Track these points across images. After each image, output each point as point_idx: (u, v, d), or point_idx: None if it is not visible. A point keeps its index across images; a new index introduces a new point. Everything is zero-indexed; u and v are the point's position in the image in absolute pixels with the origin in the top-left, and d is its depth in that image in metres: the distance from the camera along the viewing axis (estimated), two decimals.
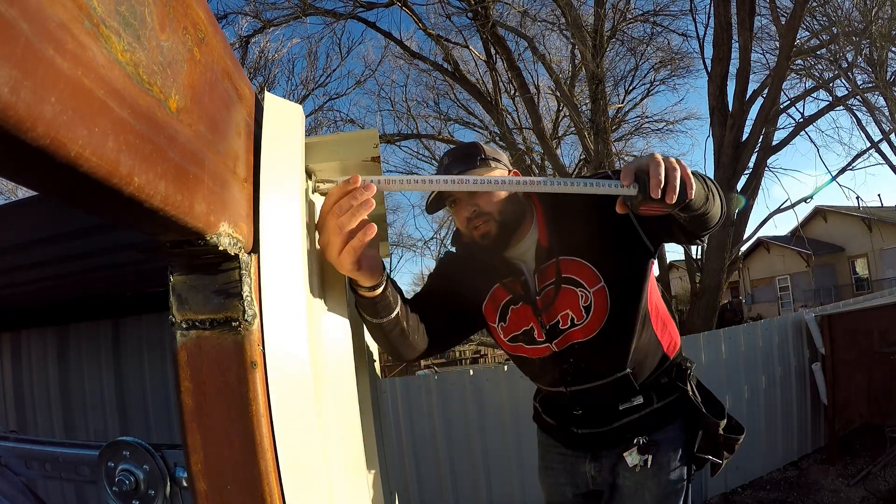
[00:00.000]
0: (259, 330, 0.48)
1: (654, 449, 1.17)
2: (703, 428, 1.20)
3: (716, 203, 0.97)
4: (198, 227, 0.39)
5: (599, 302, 1.12)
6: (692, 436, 1.21)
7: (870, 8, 6.29)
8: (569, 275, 1.12)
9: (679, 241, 1.15)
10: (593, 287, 1.11)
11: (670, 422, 1.20)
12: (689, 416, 1.21)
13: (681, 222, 1.00)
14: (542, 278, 1.14)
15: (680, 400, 1.22)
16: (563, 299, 1.13)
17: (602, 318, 1.13)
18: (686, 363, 1.26)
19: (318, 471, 0.55)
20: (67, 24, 0.25)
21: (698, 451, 1.20)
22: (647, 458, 1.16)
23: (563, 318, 1.14)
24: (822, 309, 4.53)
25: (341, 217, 0.69)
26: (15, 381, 2.68)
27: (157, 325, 2.55)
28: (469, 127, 11.78)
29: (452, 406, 3.36)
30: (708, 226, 1.01)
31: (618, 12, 8.18)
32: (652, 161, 0.79)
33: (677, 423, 1.21)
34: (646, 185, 0.78)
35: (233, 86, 0.48)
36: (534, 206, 1.17)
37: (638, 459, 1.16)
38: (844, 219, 18.55)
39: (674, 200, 0.78)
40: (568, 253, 1.12)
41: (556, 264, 1.12)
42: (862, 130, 8.52)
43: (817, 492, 3.54)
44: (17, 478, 1.32)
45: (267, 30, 8.32)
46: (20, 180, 0.27)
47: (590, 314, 1.12)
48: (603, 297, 1.11)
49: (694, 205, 0.88)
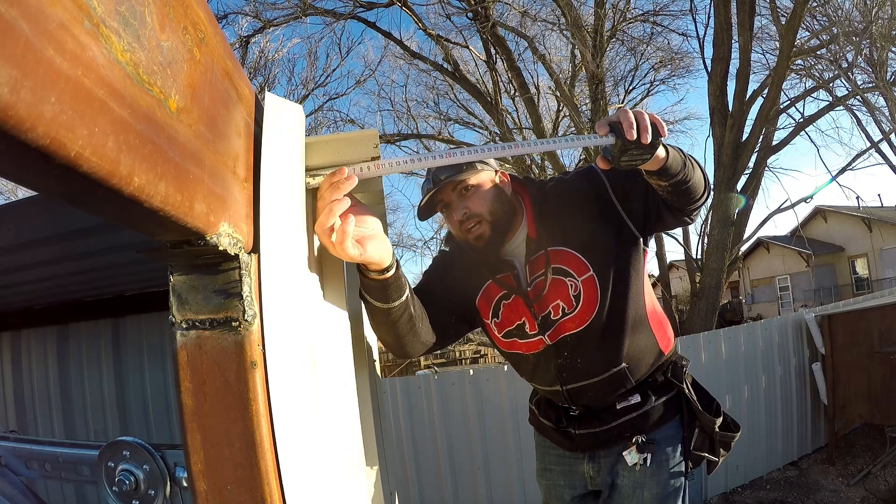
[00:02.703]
0: (259, 330, 0.48)
1: (653, 447, 1.18)
2: (699, 426, 1.21)
3: (696, 172, 1.00)
4: (198, 227, 0.39)
5: (589, 290, 1.13)
6: (689, 434, 1.21)
7: (870, 8, 6.29)
8: (558, 265, 1.14)
9: (668, 224, 1.15)
10: (582, 276, 1.12)
11: (667, 420, 1.21)
12: (686, 414, 1.22)
13: (663, 196, 1.03)
14: (533, 269, 1.16)
15: (676, 398, 1.22)
16: (553, 289, 1.14)
17: (593, 308, 1.13)
18: (682, 361, 1.26)
19: (318, 471, 0.55)
20: (67, 24, 0.25)
21: (695, 449, 1.21)
22: (646, 457, 1.17)
23: (554, 309, 1.15)
24: (823, 309, 4.53)
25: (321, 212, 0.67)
26: (15, 381, 2.67)
27: (157, 325, 2.55)
28: (469, 127, 11.79)
29: (452, 406, 3.36)
30: (692, 196, 1.02)
31: (618, 12, 8.18)
32: (621, 111, 0.85)
33: (674, 421, 1.22)
34: (620, 130, 0.82)
35: (233, 86, 0.48)
36: (522, 200, 1.19)
37: (637, 458, 1.17)
38: (844, 219, 18.55)
39: (648, 140, 0.82)
40: (555, 244, 1.14)
41: (546, 255, 1.14)
42: (862, 130, 8.54)
43: (817, 492, 3.54)
44: (17, 478, 1.32)
45: (267, 30, 8.33)
46: (20, 180, 0.27)
47: (580, 303, 1.13)
48: (592, 285, 1.12)
49: (672, 168, 0.92)
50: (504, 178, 1.18)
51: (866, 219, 16.45)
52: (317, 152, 0.73)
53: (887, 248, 17.15)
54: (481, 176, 1.11)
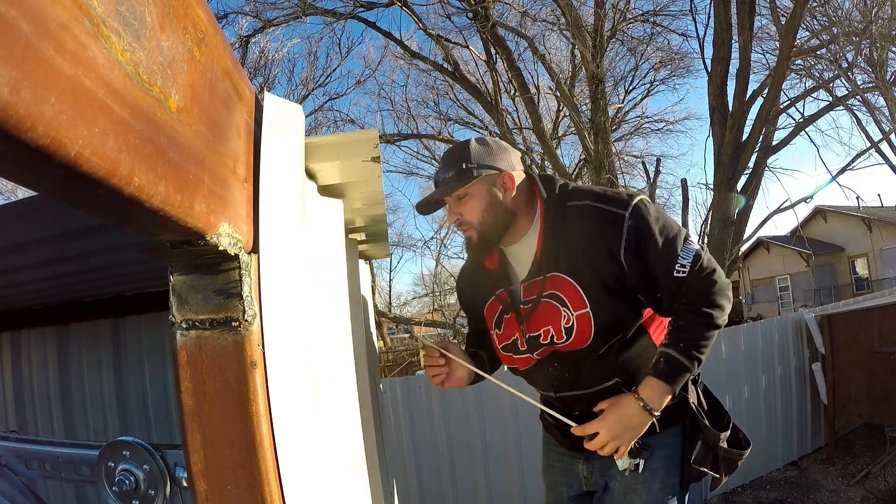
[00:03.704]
0: (259, 330, 0.48)
1: (647, 453, 1.11)
2: (702, 438, 1.13)
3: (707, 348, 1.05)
4: (198, 228, 0.39)
5: (582, 326, 1.08)
6: (690, 445, 1.14)
7: (870, 8, 6.29)
8: (555, 290, 1.10)
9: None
10: (578, 311, 1.08)
11: (667, 427, 1.13)
12: (689, 424, 1.15)
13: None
14: (527, 292, 1.15)
15: (680, 405, 1.14)
16: (545, 313, 1.12)
17: (583, 343, 1.10)
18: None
19: (318, 471, 0.55)
20: (67, 24, 0.25)
21: (695, 463, 1.13)
22: (637, 463, 1.10)
23: (544, 333, 1.13)
24: (823, 309, 4.53)
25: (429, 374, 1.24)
26: (15, 381, 2.67)
27: (157, 325, 2.55)
28: (469, 127, 11.79)
29: (452, 406, 3.35)
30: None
31: (618, 12, 8.18)
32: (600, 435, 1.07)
33: (675, 429, 1.15)
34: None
35: (233, 86, 0.48)
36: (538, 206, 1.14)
37: (628, 463, 1.10)
38: (844, 219, 18.54)
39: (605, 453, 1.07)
40: (559, 269, 1.10)
41: (543, 281, 1.11)
42: (862, 130, 8.53)
43: (817, 492, 3.54)
44: (17, 478, 1.32)
45: (267, 30, 8.33)
46: (20, 180, 0.27)
47: (571, 336, 1.10)
48: (587, 322, 1.08)
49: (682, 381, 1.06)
50: (508, 183, 1.12)
51: (866, 219, 16.45)
52: (317, 152, 0.73)
53: (887, 248, 17.14)
54: (477, 186, 1.10)
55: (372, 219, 1.18)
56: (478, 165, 1.09)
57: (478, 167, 1.09)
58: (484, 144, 1.13)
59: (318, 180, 0.80)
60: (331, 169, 0.78)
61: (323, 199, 0.81)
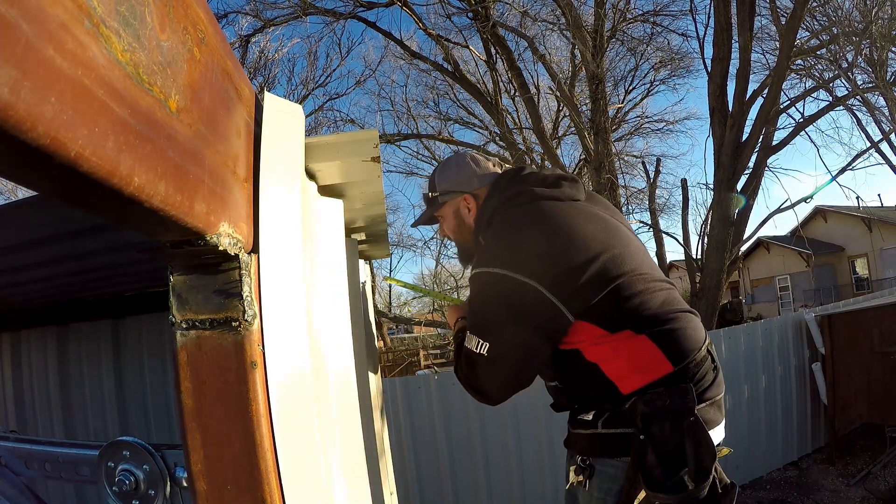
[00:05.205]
0: (259, 330, 0.48)
1: (590, 473, 1.02)
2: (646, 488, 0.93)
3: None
4: (198, 227, 0.39)
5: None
6: (630, 488, 0.95)
7: (870, 8, 6.30)
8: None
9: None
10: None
11: (608, 455, 1.00)
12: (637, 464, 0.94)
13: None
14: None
15: (619, 438, 0.98)
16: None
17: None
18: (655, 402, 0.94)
19: (318, 471, 0.55)
20: (67, 24, 0.25)
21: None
22: (582, 481, 1.03)
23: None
24: (823, 309, 4.53)
25: None
26: (15, 381, 2.67)
27: (157, 325, 2.55)
28: (469, 127, 11.81)
29: (452, 406, 3.35)
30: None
31: (618, 12, 8.18)
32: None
33: (618, 461, 0.98)
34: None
35: (233, 86, 0.48)
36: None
37: (574, 478, 1.06)
38: (844, 219, 18.55)
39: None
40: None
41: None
42: (862, 130, 8.53)
43: (817, 492, 3.54)
44: (17, 478, 1.32)
45: (267, 29, 8.33)
46: (20, 180, 0.27)
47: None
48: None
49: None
50: (470, 204, 1.18)
51: (866, 219, 16.43)
52: (317, 152, 0.73)
53: (887, 248, 17.15)
54: (444, 210, 1.23)
55: (372, 219, 1.18)
56: (441, 193, 1.21)
57: (441, 194, 1.21)
58: (447, 169, 1.23)
59: (319, 180, 0.80)
60: (331, 169, 0.78)
61: (323, 199, 0.81)
